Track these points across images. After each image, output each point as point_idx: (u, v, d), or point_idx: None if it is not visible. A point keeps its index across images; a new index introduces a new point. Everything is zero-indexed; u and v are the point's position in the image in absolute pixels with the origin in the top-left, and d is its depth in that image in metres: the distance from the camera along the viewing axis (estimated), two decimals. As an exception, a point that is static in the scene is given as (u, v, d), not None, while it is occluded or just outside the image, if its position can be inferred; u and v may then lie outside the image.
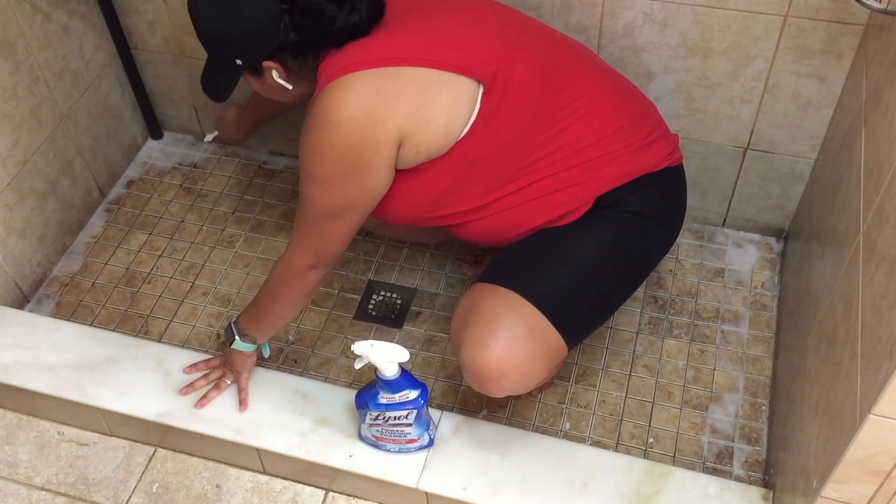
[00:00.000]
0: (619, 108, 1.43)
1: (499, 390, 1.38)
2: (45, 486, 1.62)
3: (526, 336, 1.35)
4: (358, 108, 1.27)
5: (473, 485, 1.47)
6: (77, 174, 1.99)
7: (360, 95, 1.27)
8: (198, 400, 1.58)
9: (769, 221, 1.91)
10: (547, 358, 1.38)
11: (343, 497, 1.58)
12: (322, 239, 1.38)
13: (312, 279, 1.43)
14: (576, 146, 1.39)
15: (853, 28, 1.52)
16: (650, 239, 1.47)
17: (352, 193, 1.33)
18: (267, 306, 1.49)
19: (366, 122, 1.27)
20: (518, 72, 1.34)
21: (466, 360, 1.37)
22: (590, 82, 1.42)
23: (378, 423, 1.46)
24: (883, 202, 1.16)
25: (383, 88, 1.28)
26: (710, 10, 1.57)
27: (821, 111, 1.66)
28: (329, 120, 1.27)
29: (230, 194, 2.10)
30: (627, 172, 1.41)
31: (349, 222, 1.37)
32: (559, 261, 1.41)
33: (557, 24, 1.67)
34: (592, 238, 1.41)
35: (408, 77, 1.29)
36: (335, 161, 1.30)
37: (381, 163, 1.31)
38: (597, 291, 1.43)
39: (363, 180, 1.32)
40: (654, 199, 1.45)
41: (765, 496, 1.45)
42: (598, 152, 1.40)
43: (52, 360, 1.65)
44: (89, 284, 1.94)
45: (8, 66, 1.73)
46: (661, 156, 1.45)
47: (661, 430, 1.66)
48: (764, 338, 1.78)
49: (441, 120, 1.31)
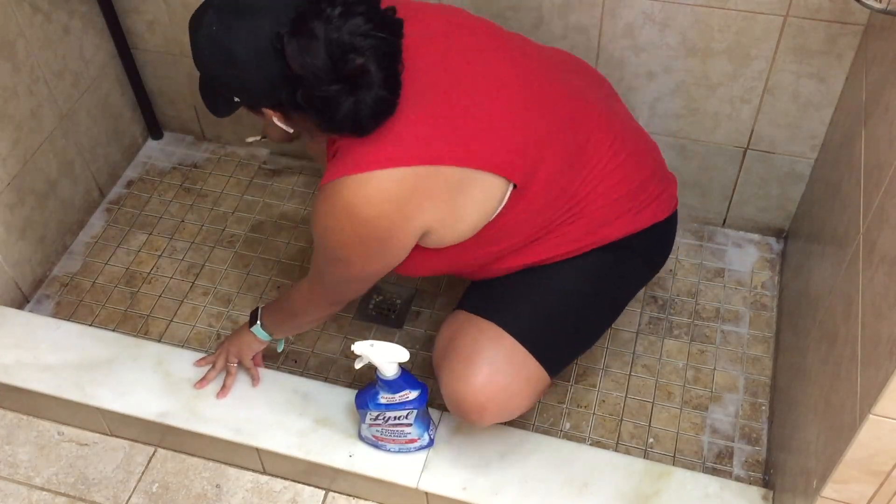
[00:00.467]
0: (632, 171, 1.41)
1: (481, 421, 1.40)
2: (45, 486, 1.62)
3: (506, 369, 1.37)
4: (390, 208, 1.21)
5: (473, 485, 1.47)
6: (77, 174, 1.99)
7: (393, 194, 1.20)
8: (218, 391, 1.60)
9: (769, 221, 1.91)
10: (528, 389, 1.40)
11: (343, 497, 1.58)
12: (340, 291, 1.41)
13: (330, 312, 1.48)
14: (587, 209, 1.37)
15: (853, 28, 1.52)
16: (631, 273, 1.48)
17: (368, 269, 1.32)
18: (287, 316, 1.52)
19: (395, 218, 1.22)
20: (547, 166, 1.30)
21: (448, 393, 1.40)
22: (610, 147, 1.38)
23: (378, 423, 1.46)
24: (883, 202, 1.16)
25: (418, 190, 1.21)
26: (710, 10, 1.57)
27: (821, 111, 1.66)
28: (357, 215, 1.21)
29: (230, 194, 2.10)
30: (628, 231, 1.41)
31: (365, 283, 1.38)
32: (541, 293, 1.41)
33: (557, 24, 1.67)
34: (575, 270, 1.41)
35: (444, 177, 1.22)
36: (356, 245, 1.26)
37: (403, 249, 1.29)
38: (578, 322, 1.45)
39: (380, 259, 1.30)
40: (646, 242, 1.45)
41: (765, 496, 1.45)
42: (604, 214, 1.39)
43: (52, 360, 1.65)
44: (89, 284, 1.94)
45: (8, 66, 1.73)
46: (660, 213, 1.45)
47: (661, 430, 1.66)
48: (764, 338, 1.78)
49: (472, 218, 1.29)
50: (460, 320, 1.43)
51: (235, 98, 1.25)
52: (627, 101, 1.76)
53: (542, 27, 1.68)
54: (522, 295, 1.42)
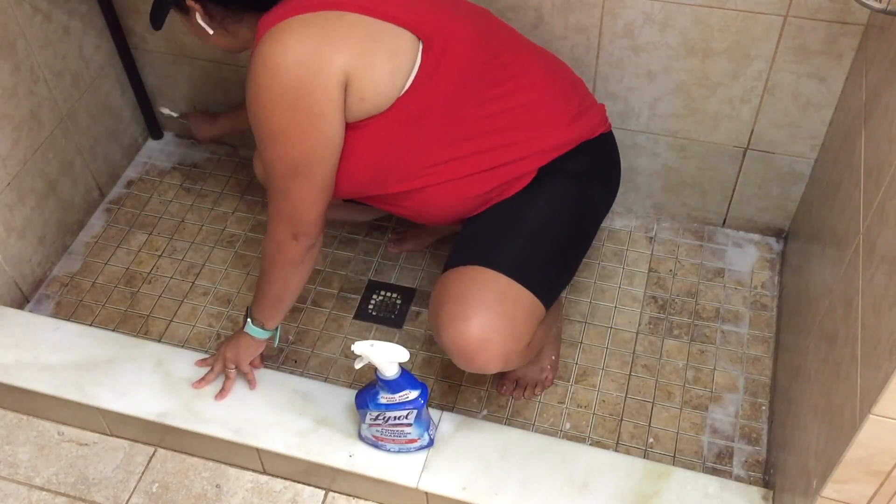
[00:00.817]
0: (553, 78, 1.48)
1: (488, 361, 1.37)
2: (45, 486, 1.62)
3: (498, 299, 1.36)
4: (303, 49, 1.26)
5: (473, 485, 1.47)
6: (77, 174, 1.99)
7: (305, 37, 1.27)
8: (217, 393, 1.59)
9: (769, 221, 1.91)
10: (525, 316, 1.39)
11: (343, 497, 1.58)
12: (291, 203, 1.37)
13: (294, 251, 1.41)
14: (516, 112, 1.42)
15: (853, 28, 1.52)
16: (593, 195, 1.51)
17: (309, 145, 1.32)
18: (263, 287, 1.49)
19: (312, 63, 1.26)
20: (458, 34, 1.36)
21: (448, 341, 1.37)
22: (525, 52, 1.46)
23: (378, 423, 1.46)
24: (883, 202, 1.16)
25: (327, 30, 1.28)
26: (710, 10, 1.57)
27: (821, 111, 1.66)
28: (275, 64, 1.27)
29: (230, 194, 2.10)
30: (565, 143, 1.45)
31: (314, 181, 1.35)
32: (512, 227, 1.43)
33: (557, 24, 1.67)
34: (538, 200, 1.44)
35: (350, 21, 1.29)
36: (287, 110, 1.29)
37: (332, 108, 1.30)
38: (554, 246, 1.45)
39: (318, 128, 1.31)
40: (592, 161, 1.50)
41: (765, 496, 1.45)
42: (537, 121, 1.43)
43: (52, 360, 1.65)
44: (89, 284, 1.94)
45: (8, 66, 1.73)
46: (594, 123, 1.50)
47: (661, 430, 1.66)
48: (764, 338, 1.78)
49: (385, 67, 1.31)
50: (444, 277, 1.42)
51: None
52: (627, 101, 1.76)
53: (542, 27, 1.68)
54: (496, 233, 1.43)
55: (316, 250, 1.45)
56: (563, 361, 1.75)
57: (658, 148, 1.83)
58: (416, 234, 1.94)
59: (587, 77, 1.74)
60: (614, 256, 1.93)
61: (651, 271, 1.90)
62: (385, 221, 2.01)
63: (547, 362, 1.70)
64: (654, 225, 1.98)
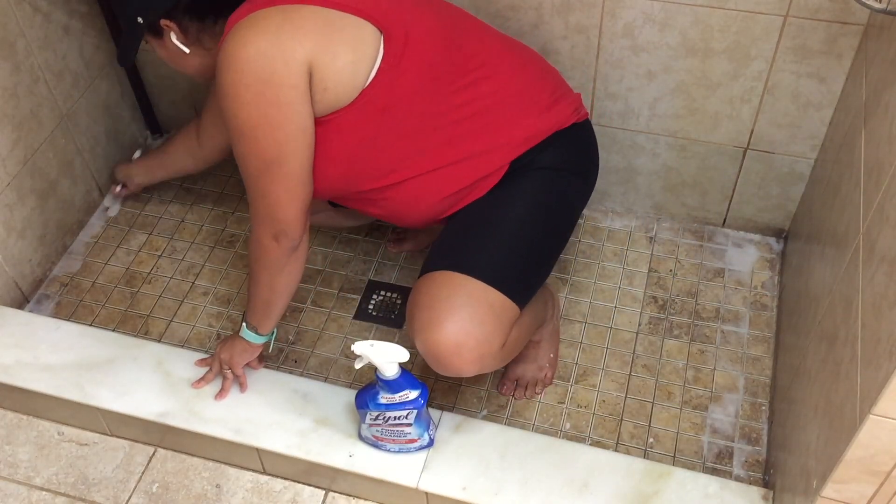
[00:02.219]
0: (522, 68, 1.48)
1: (462, 365, 1.37)
2: (45, 486, 1.62)
3: (468, 304, 1.36)
4: (264, 41, 1.27)
5: (473, 485, 1.47)
6: (77, 174, 1.99)
7: (265, 29, 1.28)
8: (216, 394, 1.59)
9: (769, 221, 1.91)
10: (496, 319, 1.38)
11: (343, 497, 1.58)
12: (268, 202, 1.36)
13: (277, 252, 1.40)
14: (485, 102, 1.42)
15: (853, 28, 1.52)
16: (568, 189, 1.50)
17: (279, 137, 1.31)
18: (252, 291, 1.48)
19: (274, 54, 1.27)
20: (420, 26, 1.37)
21: (422, 347, 1.38)
22: (492, 43, 1.46)
23: (378, 423, 1.46)
24: (883, 202, 1.16)
25: (286, 21, 1.29)
26: (710, 10, 1.57)
27: (821, 111, 1.66)
28: (237, 57, 1.27)
29: (230, 194, 2.10)
30: (537, 133, 1.45)
31: (288, 176, 1.34)
32: (483, 228, 1.43)
33: (557, 24, 1.67)
34: (512, 199, 1.44)
35: (310, 12, 1.30)
36: (254, 102, 1.29)
37: (298, 97, 1.30)
38: (527, 246, 1.45)
39: (287, 117, 1.31)
40: (566, 153, 1.49)
41: (765, 496, 1.45)
42: (506, 111, 1.43)
43: (52, 360, 1.65)
44: (89, 284, 1.94)
45: (8, 66, 1.73)
46: (567, 113, 1.49)
47: (661, 430, 1.66)
48: (764, 338, 1.78)
49: (347, 57, 1.31)
50: (418, 284, 1.42)
51: (138, 18, 1.37)
52: (627, 101, 1.76)
53: (541, 27, 1.68)
54: (468, 236, 1.43)
55: (301, 254, 1.43)
56: (563, 361, 1.75)
57: (658, 148, 1.83)
58: (416, 235, 1.94)
59: (587, 77, 1.74)
60: (614, 256, 1.93)
61: (651, 271, 1.90)
62: (385, 221, 2.01)
63: (545, 360, 1.70)
64: (654, 225, 1.98)
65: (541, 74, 1.51)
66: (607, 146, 1.85)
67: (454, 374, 1.39)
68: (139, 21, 1.38)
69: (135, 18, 1.38)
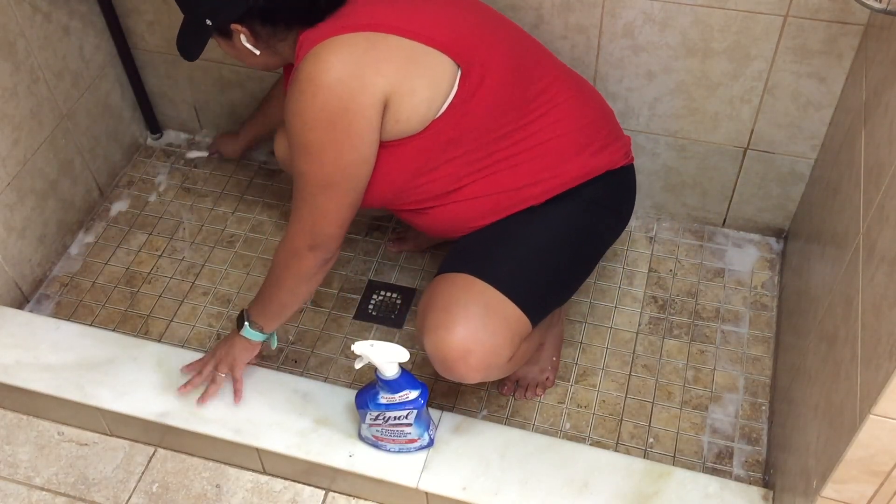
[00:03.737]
0: (583, 107, 1.47)
1: (469, 371, 1.37)
2: (45, 486, 1.62)
3: (484, 311, 1.35)
4: (345, 70, 1.27)
5: (473, 485, 1.47)
6: (77, 174, 1.99)
7: (348, 56, 1.27)
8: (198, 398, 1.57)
9: (769, 221, 1.91)
10: (508, 331, 1.38)
11: (343, 497, 1.58)
12: (316, 215, 1.37)
13: (310, 262, 1.40)
14: (543, 137, 1.41)
15: (853, 28, 1.52)
16: (601, 223, 1.50)
17: (343, 163, 1.32)
18: (270, 292, 1.48)
19: (353, 84, 1.27)
20: (495, 60, 1.36)
21: (430, 347, 1.37)
22: (557, 79, 1.46)
23: (378, 423, 1.46)
24: (883, 202, 1.16)
25: (370, 50, 1.28)
26: (710, 10, 1.57)
27: (821, 111, 1.66)
28: (317, 81, 1.27)
29: (230, 194, 2.10)
30: (588, 173, 1.45)
31: (342, 197, 1.35)
32: (511, 242, 1.43)
33: (557, 24, 1.67)
34: (545, 219, 1.44)
35: (394, 44, 1.30)
36: (325, 128, 1.29)
37: (369, 128, 1.30)
38: (551, 267, 1.45)
39: (353, 147, 1.31)
40: (607, 190, 1.49)
41: (765, 496, 1.45)
42: (562, 149, 1.43)
43: (52, 360, 1.65)
44: (89, 284, 1.94)
45: (8, 66, 1.73)
46: (618, 156, 1.49)
47: (661, 430, 1.66)
48: (764, 338, 1.78)
49: (424, 93, 1.31)
50: (435, 282, 1.42)
51: (207, 21, 1.35)
52: (627, 101, 1.76)
53: (542, 27, 1.68)
54: (494, 246, 1.43)
55: (329, 265, 1.44)
56: (564, 361, 1.75)
57: (658, 148, 1.83)
58: (417, 235, 1.94)
59: (587, 77, 1.74)
60: (614, 256, 1.93)
61: (651, 271, 1.90)
62: (385, 221, 2.01)
63: (548, 363, 1.70)
64: (654, 225, 1.98)
65: (600, 115, 1.51)
66: (607, 146, 1.85)
67: (457, 378, 1.39)
68: (207, 23, 1.36)
69: (203, 20, 1.36)
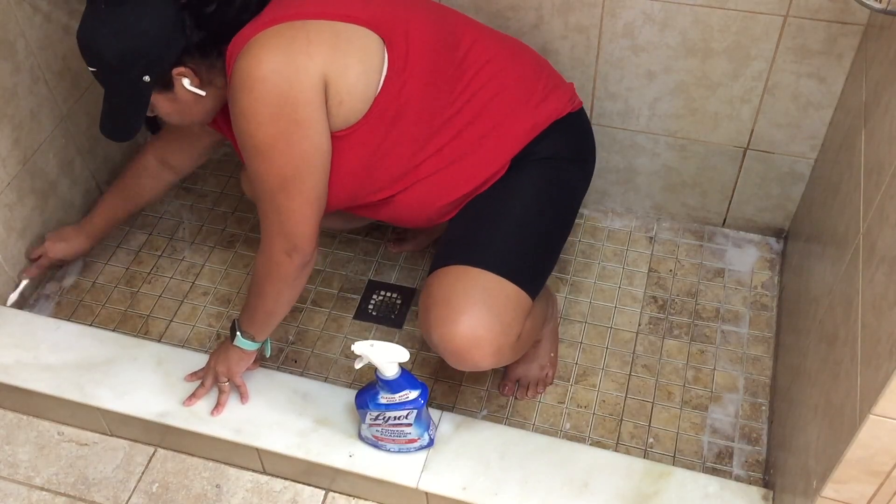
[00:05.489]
0: (515, 60, 1.49)
1: (481, 358, 1.37)
2: (45, 486, 1.62)
3: (483, 296, 1.36)
4: (277, 59, 1.27)
5: (473, 485, 1.47)
6: (77, 174, 1.99)
7: (277, 46, 1.27)
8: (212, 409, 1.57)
9: (769, 221, 1.91)
10: (511, 309, 1.39)
11: (343, 497, 1.58)
12: (283, 217, 1.36)
13: (289, 267, 1.39)
14: (484, 97, 1.43)
15: (853, 28, 1.52)
16: (568, 177, 1.52)
17: (296, 155, 1.31)
18: (255, 302, 1.47)
19: (288, 71, 1.27)
20: (417, 28, 1.38)
21: (439, 342, 1.38)
22: (480, 39, 1.47)
23: (378, 423, 1.46)
24: (883, 202, 1.16)
25: (296, 38, 1.29)
26: (710, 10, 1.57)
27: (821, 111, 1.66)
28: (252, 77, 1.26)
29: (230, 194, 2.10)
30: (535, 125, 1.46)
31: (305, 194, 1.34)
32: (490, 222, 1.44)
33: (557, 24, 1.67)
34: (514, 191, 1.45)
35: (316, 28, 1.31)
36: (271, 121, 1.29)
37: (315, 113, 1.30)
38: (533, 236, 1.46)
39: (305, 135, 1.31)
40: (564, 142, 1.51)
41: (765, 496, 1.45)
42: (505, 105, 1.44)
43: (52, 360, 1.65)
44: (89, 284, 1.94)
45: (8, 66, 1.73)
46: (562, 103, 1.51)
47: (661, 430, 1.66)
48: (764, 338, 1.78)
49: (358, 68, 1.32)
50: (430, 280, 1.43)
51: (145, 77, 1.31)
52: (627, 101, 1.76)
53: (542, 27, 1.69)
54: (476, 231, 1.44)
55: (310, 268, 1.43)
56: (564, 361, 1.75)
57: (658, 148, 1.83)
58: (416, 235, 1.94)
59: (587, 77, 1.74)
60: (614, 256, 1.93)
61: (651, 271, 1.90)
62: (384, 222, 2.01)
63: (546, 359, 1.70)
64: (654, 225, 1.98)
65: (534, 66, 1.52)
66: (607, 146, 1.85)
67: (471, 367, 1.40)
68: (145, 80, 1.31)
69: (139, 79, 1.31)
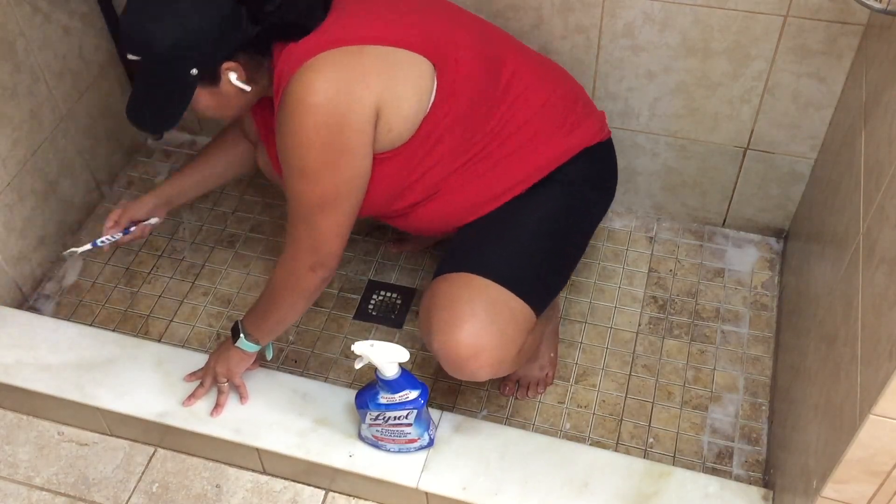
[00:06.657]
0: (551, 88, 1.48)
1: (479, 368, 1.37)
2: (45, 486, 1.62)
3: (489, 307, 1.36)
4: (333, 88, 1.26)
5: (473, 485, 1.47)
6: (77, 174, 1.99)
7: (333, 74, 1.27)
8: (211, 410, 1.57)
9: (769, 221, 1.91)
10: (515, 324, 1.39)
11: (343, 497, 1.58)
12: (315, 235, 1.36)
13: (312, 282, 1.40)
14: (518, 121, 1.42)
15: (853, 28, 1.52)
16: (588, 201, 1.52)
17: (340, 180, 1.32)
18: (268, 309, 1.47)
19: (343, 102, 1.27)
20: (465, 52, 1.37)
21: (439, 348, 1.37)
22: (522, 65, 1.46)
23: (378, 423, 1.46)
24: (883, 202, 1.16)
25: (353, 66, 1.28)
26: (710, 10, 1.57)
27: (821, 111, 1.66)
28: (306, 104, 1.26)
29: (230, 194, 2.10)
30: (565, 151, 1.46)
31: (341, 214, 1.35)
32: (505, 235, 1.44)
33: (557, 24, 1.67)
34: (532, 206, 1.45)
35: (374, 55, 1.30)
36: (321, 148, 1.28)
37: (364, 143, 1.30)
38: (547, 254, 1.45)
39: (350, 164, 1.31)
40: (588, 169, 1.50)
41: (765, 496, 1.45)
42: (537, 130, 1.44)
43: (52, 360, 1.65)
44: (89, 284, 1.94)
45: (8, 66, 1.73)
46: (592, 131, 1.50)
47: (661, 430, 1.66)
48: (764, 338, 1.78)
49: (411, 97, 1.32)
50: (435, 284, 1.42)
51: (193, 70, 1.28)
52: (627, 101, 1.76)
53: (542, 27, 1.69)
54: (489, 241, 1.44)
55: (329, 281, 1.43)
56: (563, 361, 1.75)
57: (658, 148, 1.83)
58: (417, 235, 1.94)
59: (587, 77, 1.74)
60: (614, 256, 1.93)
61: (651, 271, 1.90)
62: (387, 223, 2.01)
63: (546, 360, 1.70)
64: (654, 225, 1.98)
65: (570, 93, 1.51)
66: (607, 146, 1.85)
67: (468, 377, 1.40)
68: (193, 73, 1.28)
69: (187, 72, 1.27)
